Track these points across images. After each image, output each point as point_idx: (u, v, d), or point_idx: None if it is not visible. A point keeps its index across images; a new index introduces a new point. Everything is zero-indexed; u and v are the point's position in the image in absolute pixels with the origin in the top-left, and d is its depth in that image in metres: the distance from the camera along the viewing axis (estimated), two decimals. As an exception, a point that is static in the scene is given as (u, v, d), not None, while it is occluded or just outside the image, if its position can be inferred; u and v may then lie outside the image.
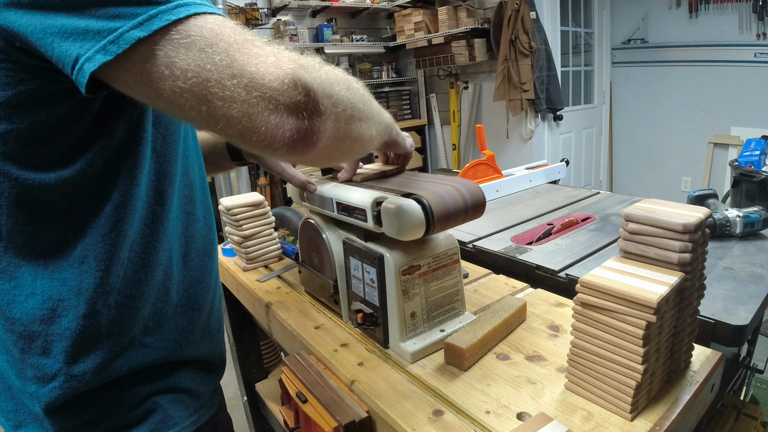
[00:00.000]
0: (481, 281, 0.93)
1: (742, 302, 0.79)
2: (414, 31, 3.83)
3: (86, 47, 0.38)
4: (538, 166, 1.81)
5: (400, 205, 0.60)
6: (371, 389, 0.62)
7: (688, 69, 3.52)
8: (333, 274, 0.77)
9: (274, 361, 1.53)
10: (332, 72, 0.46)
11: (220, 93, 0.38)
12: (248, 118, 0.38)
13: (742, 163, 1.92)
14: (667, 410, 0.53)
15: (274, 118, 0.39)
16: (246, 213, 1.05)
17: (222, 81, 0.38)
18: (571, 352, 0.56)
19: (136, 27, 0.37)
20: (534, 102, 3.31)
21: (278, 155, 0.42)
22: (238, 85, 0.38)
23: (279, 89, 0.39)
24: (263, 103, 0.38)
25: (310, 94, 0.40)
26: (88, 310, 0.52)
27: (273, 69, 0.39)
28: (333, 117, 0.44)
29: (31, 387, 0.53)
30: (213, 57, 0.38)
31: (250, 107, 0.38)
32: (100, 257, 0.53)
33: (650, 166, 3.97)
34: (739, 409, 0.94)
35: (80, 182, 0.50)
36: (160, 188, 0.58)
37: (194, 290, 0.66)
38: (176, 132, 0.60)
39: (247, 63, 0.38)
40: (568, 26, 3.66)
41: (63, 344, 0.52)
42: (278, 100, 0.39)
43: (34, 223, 0.50)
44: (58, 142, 0.48)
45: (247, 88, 0.38)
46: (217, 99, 0.38)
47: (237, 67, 0.38)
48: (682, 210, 0.53)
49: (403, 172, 0.79)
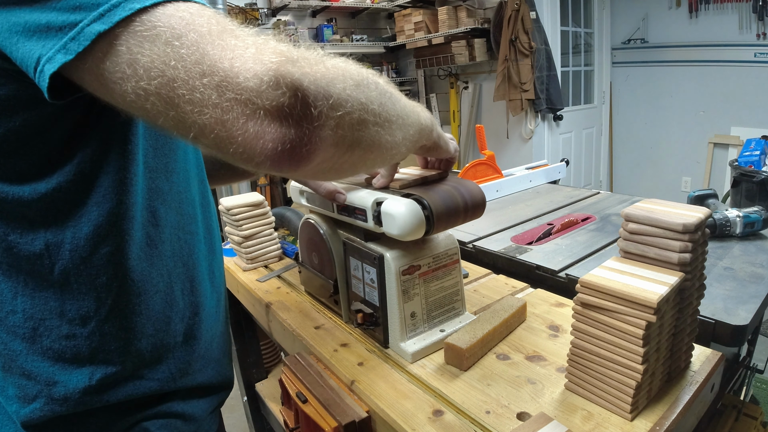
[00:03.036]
0: (481, 281, 0.93)
1: (742, 302, 0.79)
2: (414, 31, 3.83)
3: (48, 46, 0.33)
4: (538, 166, 1.81)
5: (400, 205, 0.60)
6: (371, 389, 0.62)
7: (688, 69, 3.52)
8: (333, 274, 0.77)
9: (274, 361, 1.53)
10: (336, 66, 0.38)
11: (188, 95, 0.31)
12: (222, 125, 0.32)
13: (742, 163, 1.92)
14: (667, 410, 0.53)
15: (253, 126, 0.32)
16: (246, 213, 1.05)
17: (190, 81, 0.31)
18: (571, 352, 0.56)
19: (96, 19, 0.32)
20: (534, 102, 3.31)
21: (263, 170, 0.35)
22: (209, 85, 0.31)
23: (257, 89, 0.32)
24: (239, 107, 0.32)
25: (297, 94, 0.33)
26: (70, 332, 0.49)
27: (251, 64, 0.32)
28: (333, 123, 0.36)
29: (12, 406, 0.51)
30: (180, 51, 0.31)
31: (224, 112, 0.32)
32: (81, 281, 0.48)
33: (650, 166, 3.97)
34: (739, 409, 0.94)
35: (56, 198, 0.45)
36: (153, 207, 0.53)
37: (198, 318, 0.61)
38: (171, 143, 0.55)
39: (220, 58, 0.32)
40: (568, 26, 3.66)
41: (44, 365, 0.49)
42: (256, 103, 0.32)
43: (7, 237, 0.46)
44: (33, 152, 0.43)
45: (219, 89, 0.31)
46: (185, 102, 0.32)
47: (207, 64, 0.31)
48: (682, 210, 0.53)
49: (446, 178, 0.70)
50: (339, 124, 0.36)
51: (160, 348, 0.56)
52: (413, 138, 0.50)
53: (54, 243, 0.47)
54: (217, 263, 0.68)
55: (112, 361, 0.52)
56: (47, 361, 0.49)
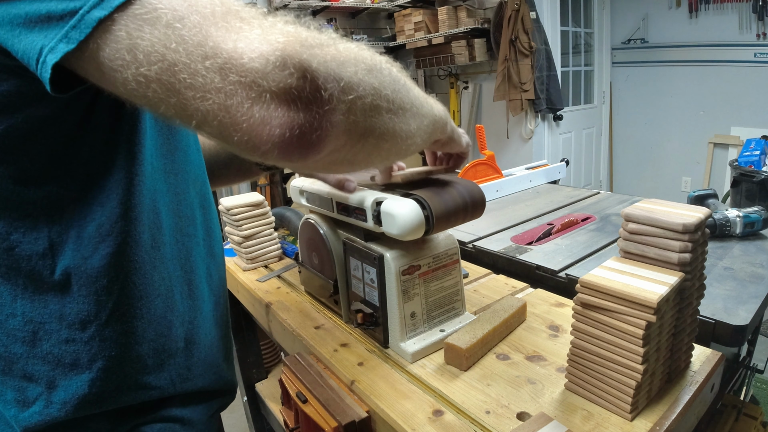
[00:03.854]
0: (481, 281, 0.93)
1: (742, 302, 0.79)
2: (414, 31, 3.82)
3: (50, 36, 0.31)
4: (538, 166, 1.81)
5: (400, 205, 0.60)
6: (371, 389, 0.62)
7: (688, 69, 3.52)
8: (333, 274, 0.77)
9: (274, 361, 1.54)
10: (348, 49, 0.36)
11: (190, 80, 0.30)
12: (225, 111, 0.30)
13: (742, 163, 1.92)
14: (667, 410, 0.53)
15: (258, 111, 0.30)
16: (246, 213, 1.05)
17: (192, 64, 0.30)
18: (571, 352, 0.56)
19: (96, 5, 0.30)
20: (534, 102, 3.31)
21: (270, 159, 0.33)
22: (212, 68, 0.29)
23: (262, 71, 0.30)
24: (243, 90, 0.30)
25: (306, 75, 0.31)
26: (70, 336, 0.48)
27: (257, 44, 0.30)
28: (344, 107, 0.33)
29: (10, 410, 0.50)
30: (181, 33, 0.30)
31: (227, 97, 0.30)
32: (82, 283, 0.47)
33: (650, 166, 3.97)
34: (739, 409, 0.94)
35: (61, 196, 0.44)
36: (157, 209, 0.52)
37: (196, 322, 0.60)
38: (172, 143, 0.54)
39: (224, 39, 0.30)
40: (568, 26, 3.66)
41: (44, 369, 0.48)
42: (261, 85, 0.30)
43: (9, 237, 0.45)
44: (37, 149, 0.42)
45: (223, 72, 0.29)
46: (186, 88, 0.30)
47: (210, 45, 0.30)
48: (682, 210, 0.53)
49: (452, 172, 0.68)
50: (351, 108, 0.34)
51: (161, 353, 0.55)
52: (428, 129, 0.48)
53: (57, 242, 0.46)
54: (216, 266, 0.67)
55: (112, 367, 0.51)
56: (47, 366, 0.49)
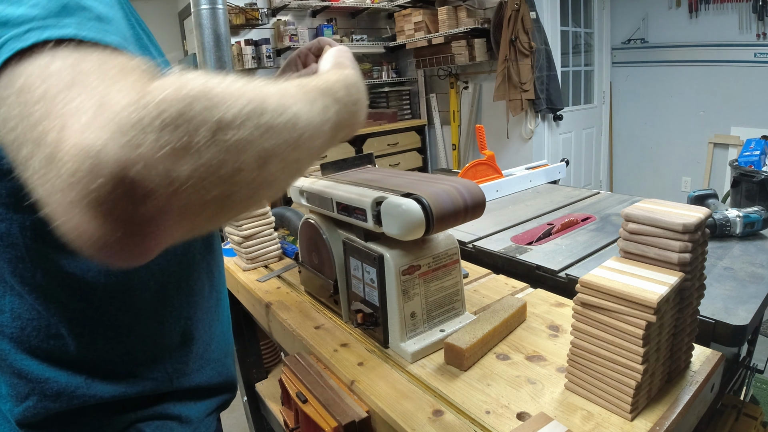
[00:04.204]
0: (481, 281, 0.93)
1: (742, 302, 0.79)
2: (414, 31, 3.83)
3: None
4: (538, 166, 1.81)
5: (400, 205, 0.60)
6: (371, 389, 0.62)
7: (688, 69, 3.52)
8: (333, 274, 0.77)
9: (274, 361, 1.54)
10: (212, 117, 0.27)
11: (29, 159, 0.26)
12: (48, 204, 0.26)
13: (742, 163, 1.92)
14: (667, 410, 0.53)
15: (77, 215, 0.25)
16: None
17: (30, 143, 0.26)
18: (571, 352, 0.56)
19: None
20: (534, 102, 3.31)
21: (112, 264, 0.28)
22: (40, 155, 0.25)
23: (72, 174, 0.24)
24: (64, 190, 0.25)
25: (123, 184, 0.25)
26: (57, 331, 0.49)
27: (75, 138, 0.25)
28: (176, 197, 0.27)
29: (6, 404, 0.51)
30: (31, 109, 0.26)
31: (54, 192, 0.25)
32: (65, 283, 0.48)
33: (650, 166, 3.97)
34: (739, 409, 0.94)
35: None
36: None
37: (195, 317, 0.60)
38: None
39: (53, 126, 0.25)
40: (568, 26, 3.66)
41: (34, 363, 0.49)
42: (74, 190, 0.25)
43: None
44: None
45: (46, 163, 0.25)
46: (24, 167, 0.26)
47: (41, 129, 0.25)
48: (682, 210, 0.53)
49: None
50: (188, 205, 0.28)
51: (152, 346, 0.55)
52: (329, 134, 0.41)
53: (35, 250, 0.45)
54: (216, 262, 0.67)
55: (101, 359, 0.52)
56: (36, 360, 0.49)
